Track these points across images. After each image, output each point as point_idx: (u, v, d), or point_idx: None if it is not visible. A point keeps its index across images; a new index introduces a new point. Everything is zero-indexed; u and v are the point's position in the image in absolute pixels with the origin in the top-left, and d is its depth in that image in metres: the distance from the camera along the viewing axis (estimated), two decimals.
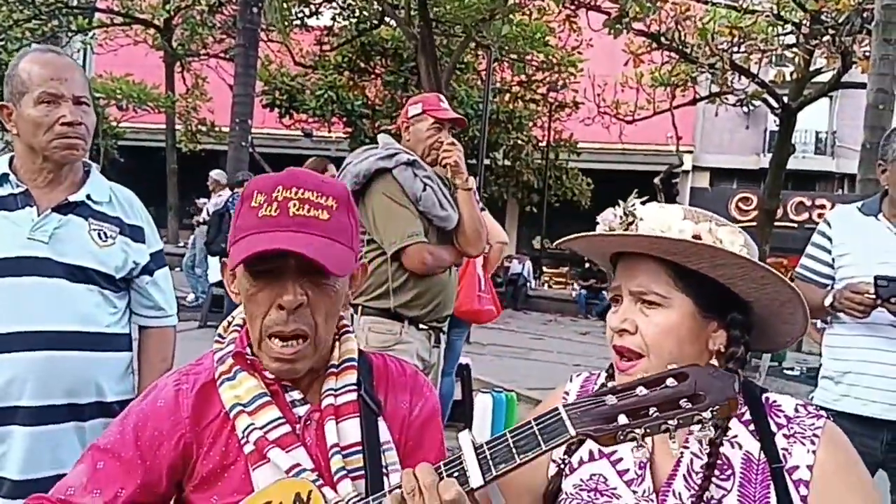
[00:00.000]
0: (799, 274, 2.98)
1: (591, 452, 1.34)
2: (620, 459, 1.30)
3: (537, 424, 1.03)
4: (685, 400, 0.98)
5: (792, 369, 11.25)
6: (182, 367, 1.43)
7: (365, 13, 17.74)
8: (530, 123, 21.84)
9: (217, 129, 22.54)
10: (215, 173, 11.27)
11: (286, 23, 17.44)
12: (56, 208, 2.01)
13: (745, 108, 20.21)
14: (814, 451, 1.19)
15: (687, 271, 1.26)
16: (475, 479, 1.02)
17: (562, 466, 1.34)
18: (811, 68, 16.71)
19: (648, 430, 0.99)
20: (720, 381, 0.99)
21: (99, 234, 2.06)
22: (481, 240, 3.27)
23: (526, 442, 1.02)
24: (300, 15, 18.98)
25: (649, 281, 1.26)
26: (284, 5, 16.39)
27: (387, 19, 16.81)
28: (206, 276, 10.66)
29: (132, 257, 2.13)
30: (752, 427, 1.24)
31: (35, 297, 1.94)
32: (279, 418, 1.27)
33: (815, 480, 1.18)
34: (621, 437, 0.99)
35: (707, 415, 0.97)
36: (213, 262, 9.93)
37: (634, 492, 1.25)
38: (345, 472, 1.24)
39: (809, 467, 1.18)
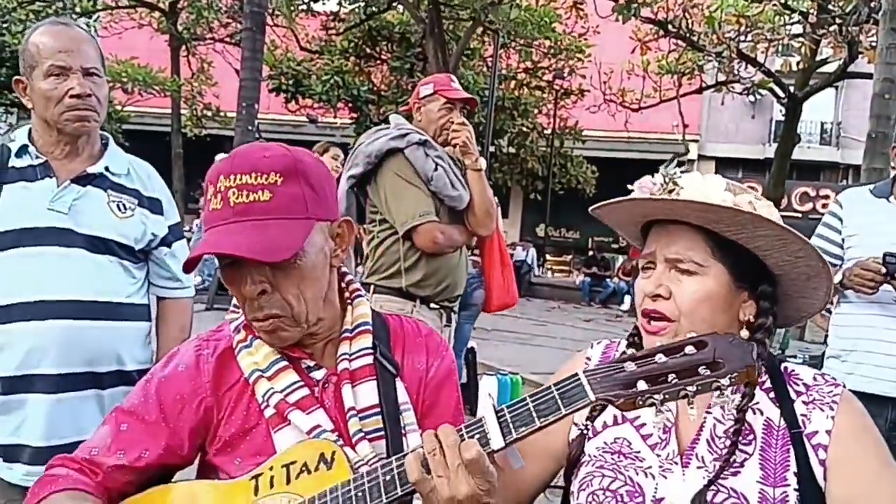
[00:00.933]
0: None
1: (614, 417, 1.36)
2: (644, 424, 1.33)
3: (557, 389, 1.06)
4: (704, 367, 1.01)
5: (795, 357, 11.30)
6: (202, 333, 1.46)
7: None
8: (535, 110, 21.80)
9: (222, 113, 22.53)
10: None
11: (292, 7, 17.41)
12: (75, 179, 2.04)
13: (752, 98, 20.17)
14: (832, 417, 1.22)
15: (724, 241, 1.28)
16: (496, 440, 1.05)
17: (584, 431, 1.36)
18: (817, 58, 16.65)
19: (667, 396, 1.01)
20: (739, 350, 1.02)
21: (118, 206, 2.09)
22: (492, 220, 3.30)
23: (546, 406, 1.05)
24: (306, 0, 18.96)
25: (687, 249, 1.28)
26: None
27: (394, 3, 16.76)
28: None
29: (150, 229, 2.16)
30: (771, 395, 1.27)
31: (56, 266, 1.97)
32: (297, 381, 1.31)
33: (833, 444, 1.21)
34: (640, 403, 1.02)
35: (725, 381, 1.00)
36: None
37: (658, 455, 1.28)
38: (362, 433, 1.27)
39: (828, 432, 1.21)
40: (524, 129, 21.60)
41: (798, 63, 17.20)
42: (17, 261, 1.96)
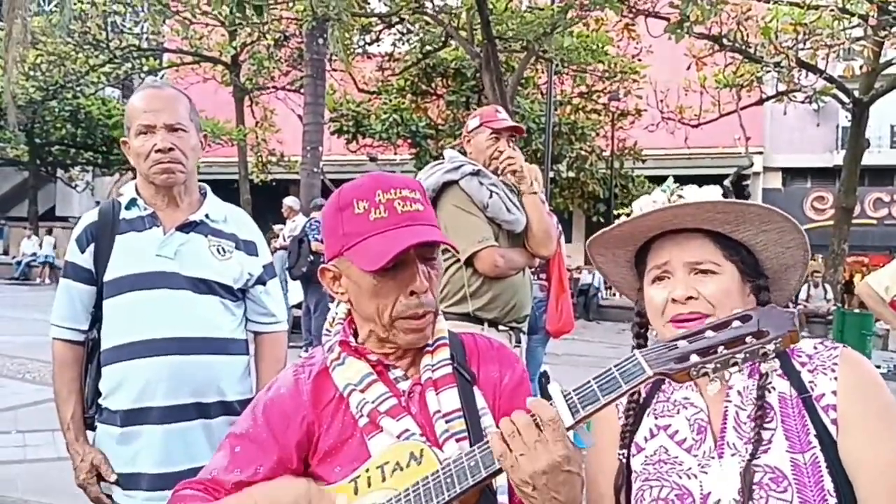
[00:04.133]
0: None
1: (650, 430, 1.46)
2: (676, 431, 1.42)
3: (617, 369, 1.15)
4: (750, 336, 1.10)
5: (879, 367, 10.96)
6: (297, 360, 1.60)
7: (428, 36, 18.04)
8: (593, 133, 21.79)
9: (287, 158, 23.18)
10: (289, 200, 11.65)
11: (349, 51, 17.89)
12: (179, 227, 2.25)
13: (815, 105, 19.76)
14: (835, 378, 1.30)
15: (729, 241, 1.39)
16: (566, 419, 1.15)
17: (622, 459, 1.45)
18: (881, 60, 16.26)
19: (719, 366, 1.10)
20: (781, 317, 1.10)
21: (218, 250, 2.29)
22: (552, 240, 3.39)
23: (608, 384, 1.15)
24: (361, 43, 19.44)
25: (702, 252, 1.38)
26: (346, 34, 16.82)
27: (450, 41, 17.09)
28: (287, 299, 10.99)
29: (247, 269, 2.34)
30: (778, 371, 1.35)
31: (166, 307, 2.17)
32: (386, 392, 1.43)
33: (839, 402, 1.29)
34: (694, 374, 1.11)
35: (771, 347, 1.08)
36: (293, 285, 10.24)
37: (695, 455, 1.36)
38: (448, 434, 1.38)
39: (834, 392, 1.29)
40: (582, 152, 21.62)
41: (861, 67, 16.83)
42: (132, 303, 2.17)
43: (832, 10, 14.28)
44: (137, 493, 2.16)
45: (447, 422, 1.40)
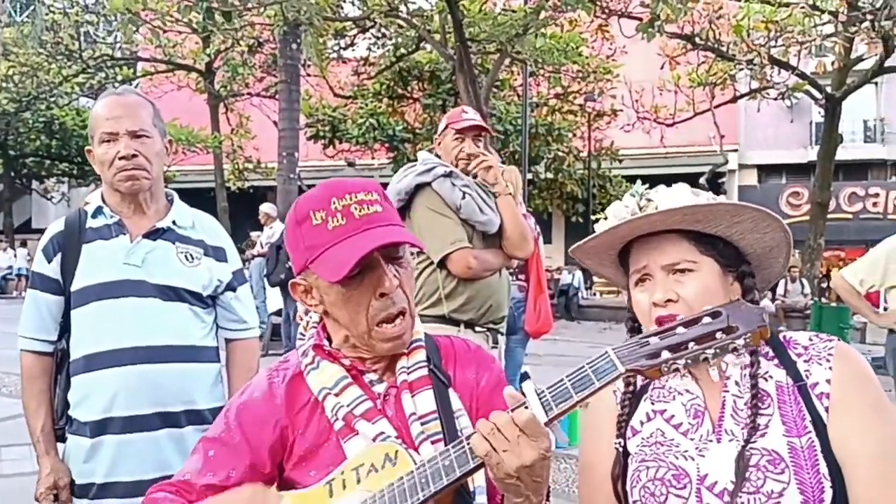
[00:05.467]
0: None
1: (647, 414, 1.48)
2: (672, 416, 1.44)
3: (589, 366, 1.15)
4: (720, 332, 1.10)
5: None
6: (272, 364, 1.59)
7: (401, 39, 18.07)
8: (570, 134, 21.92)
9: (263, 165, 23.09)
10: (266, 207, 11.58)
11: (323, 57, 17.86)
12: (146, 235, 2.21)
13: (788, 102, 19.98)
14: (830, 367, 1.35)
15: (704, 236, 1.41)
16: (539, 417, 1.14)
17: (618, 447, 1.47)
18: (852, 56, 16.47)
19: (689, 361, 1.10)
20: (750, 314, 1.11)
21: (186, 256, 2.26)
22: (527, 242, 3.37)
23: (581, 382, 1.14)
24: (336, 48, 19.42)
25: (678, 252, 1.41)
26: (320, 40, 16.79)
27: (423, 44, 17.12)
28: (265, 307, 10.93)
29: (216, 276, 2.31)
30: (775, 361, 1.39)
31: (132, 316, 2.14)
32: (361, 395, 1.41)
33: (833, 390, 1.33)
34: (665, 370, 1.11)
35: (740, 342, 1.09)
36: (272, 292, 10.20)
37: (692, 439, 1.39)
38: (424, 436, 1.37)
39: (828, 381, 1.34)
40: (560, 153, 21.73)
41: (833, 63, 17.03)
42: (99, 313, 2.14)
43: (803, 7, 14.43)
44: (112, 501, 2.12)
45: (423, 424, 1.39)
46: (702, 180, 19.44)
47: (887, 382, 4.66)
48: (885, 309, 4.59)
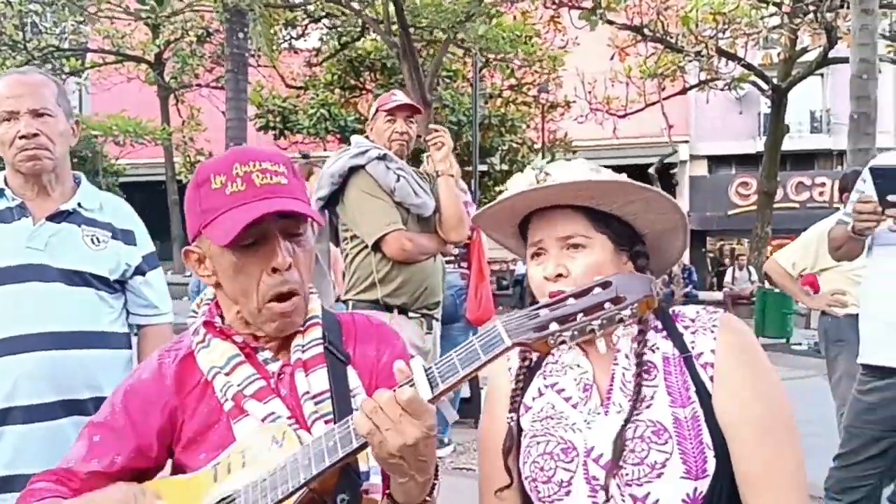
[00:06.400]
0: (840, 220, 3.04)
1: (539, 390, 1.47)
2: (563, 389, 1.44)
3: (478, 340, 1.11)
4: (608, 303, 1.07)
5: (799, 344, 11.31)
6: (165, 345, 1.53)
7: (347, 27, 17.94)
8: (524, 126, 21.96)
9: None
10: None
11: (273, 46, 17.64)
12: (50, 217, 2.12)
13: (736, 93, 20.30)
14: (714, 338, 1.36)
15: (599, 214, 1.41)
16: (424, 392, 1.11)
17: (510, 421, 1.46)
18: (798, 47, 16.81)
19: (576, 333, 1.07)
20: (639, 283, 1.08)
21: (92, 240, 2.17)
22: (462, 224, 3.34)
23: (468, 356, 1.11)
24: (287, 38, 19.20)
25: (572, 226, 1.40)
26: (271, 30, 16.59)
27: (367, 30, 17.01)
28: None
29: (124, 259, 2.23)
30: (663, 333, 1.41)
31: (35, 301, 2.05)
32: (253, 374, 1.36)
33: (717, 360, 1.34)
34: (552, 343, 1.08)
35: (627, 312, 1.06)
36: None
37: (581, 412, 1.39)
38: (317, 415, 1.33)
39: (712, 351, 1.35)
40: (514, 144, 21.75)
41: (779, 54, 17.36)
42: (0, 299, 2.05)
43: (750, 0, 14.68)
44: (14, 496, 2.04)
45: (316, 403, 1.35)
46: (651, 170, 19.66)
47: (822, 365, 4.75)
48: None
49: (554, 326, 1.08)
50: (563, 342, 1.08)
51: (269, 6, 12.89)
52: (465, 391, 5.91)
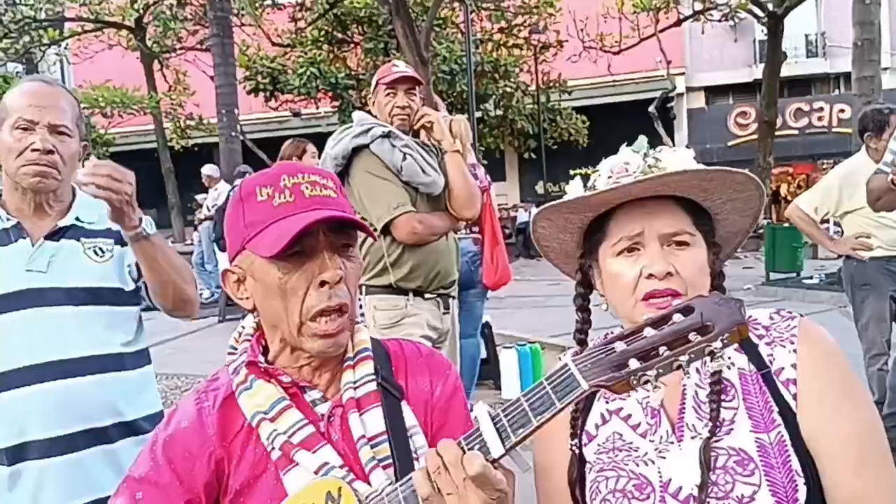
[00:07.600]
0: (879, 170, 2.98)
1: (602, 416, 1.34)
2: (630, 415, 1.30)
3: (549, 383, 1.00)
4: (694, 333, 0.95)
5: (811, 278, 11.24)
6: (199, 385, 1.41)
7: None
8: (517, 70, 21.59)
9: (205, 121, 22.44)
10: (207, 169, 11.19)
11: (256, 4, 17.22)
12: (48, 236, 1.99)
13: (731, 22, 19.90)
14: (794, 350, 1.22)
15: (698, 208, 1.28)
16: (495, 449, 1.00)
17: (574, 449, 1.34)
18: None
19: (661, 371, 0.95)
20: (726, 308, 0.95)
21: (95, 251, 2.04)
22: (475, 201, 3.21)
23: (541, 402, 0.99)
24: None
25: (677, 222, 1.25)
26: None
27: None
28: (217, 271, 10.67)
29: (128, 260, 2.09)
30: (735, 344, 1.25)
31: (40, 328, 1.92)
32: (301, 420, 1.25)
33: (800, 376, 1.20)
34: (635, 383, 0.96)
35: (718, 344, 0.94)
36: (223, 256, 9.94)
37: (651, 441, 1.25)
38: (375, 461, 1.22)
39: (793, 366, 1.21)
40: (508, 89, 21.43)
41: None
42: (2, 329, 1.91)
43: None
44: None
45: (373, 447, 1.24)
46: (651, 108, 19.35)
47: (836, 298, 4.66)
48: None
49: (634, 364, 0.96)
50: (648, 381, 0.97)
51: None
52: (483, 352, 5.84)
